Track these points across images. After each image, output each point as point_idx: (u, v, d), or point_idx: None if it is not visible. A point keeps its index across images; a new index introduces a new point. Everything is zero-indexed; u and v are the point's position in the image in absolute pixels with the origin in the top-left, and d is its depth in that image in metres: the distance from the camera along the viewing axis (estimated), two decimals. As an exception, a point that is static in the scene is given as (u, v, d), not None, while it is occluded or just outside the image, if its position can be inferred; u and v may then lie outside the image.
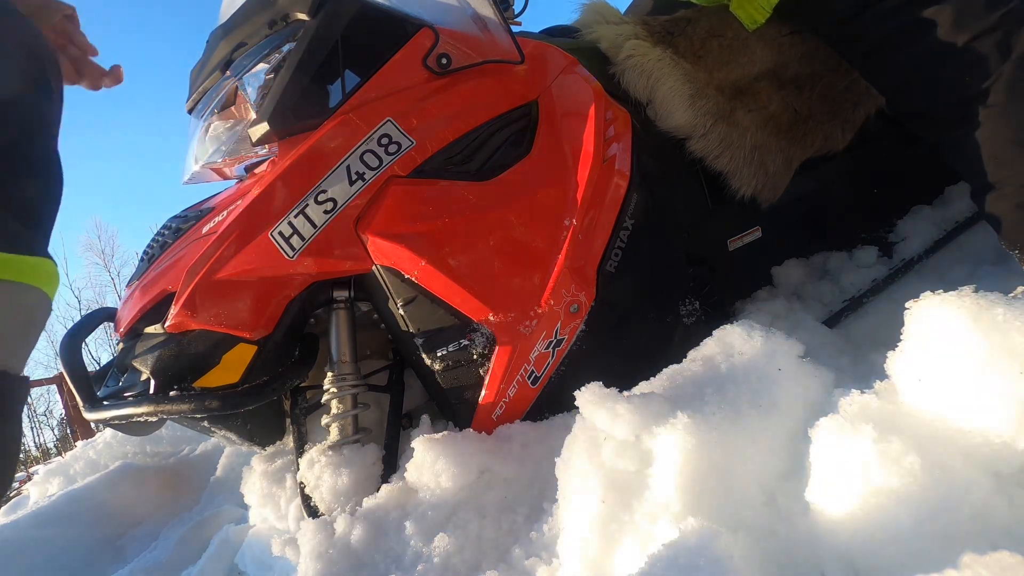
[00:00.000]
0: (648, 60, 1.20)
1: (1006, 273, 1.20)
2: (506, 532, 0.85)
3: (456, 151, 1.02)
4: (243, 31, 1.09)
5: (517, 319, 0.97)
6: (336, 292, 1.03)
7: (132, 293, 1.08)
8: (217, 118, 1.16)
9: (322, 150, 0.97)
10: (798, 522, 0.58)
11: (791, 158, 1.30)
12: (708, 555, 0.51)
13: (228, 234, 0.96)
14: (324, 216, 0.95)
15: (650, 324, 1.09)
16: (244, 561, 1.14)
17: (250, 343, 0.96)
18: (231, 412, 1.02)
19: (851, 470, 0.54)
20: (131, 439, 2.06)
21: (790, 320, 1.26)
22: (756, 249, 1.35)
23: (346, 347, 1.05)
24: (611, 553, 0.63)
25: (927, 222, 1.40)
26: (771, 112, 1.29)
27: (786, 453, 0.65)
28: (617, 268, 1.03)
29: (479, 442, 0.96)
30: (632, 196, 1.05)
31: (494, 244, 0.98)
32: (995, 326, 0.54)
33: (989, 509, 0.49)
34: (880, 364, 0.64)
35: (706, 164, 1.23)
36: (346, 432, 1.05)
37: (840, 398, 0.62)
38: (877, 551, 0.51)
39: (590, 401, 0.73)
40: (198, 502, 1.62)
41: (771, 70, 1.32)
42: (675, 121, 1.20)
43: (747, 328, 0.76)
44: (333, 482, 0.99)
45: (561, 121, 1.07)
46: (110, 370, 1.12)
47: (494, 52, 1.07)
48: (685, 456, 0.62)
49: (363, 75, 1.04)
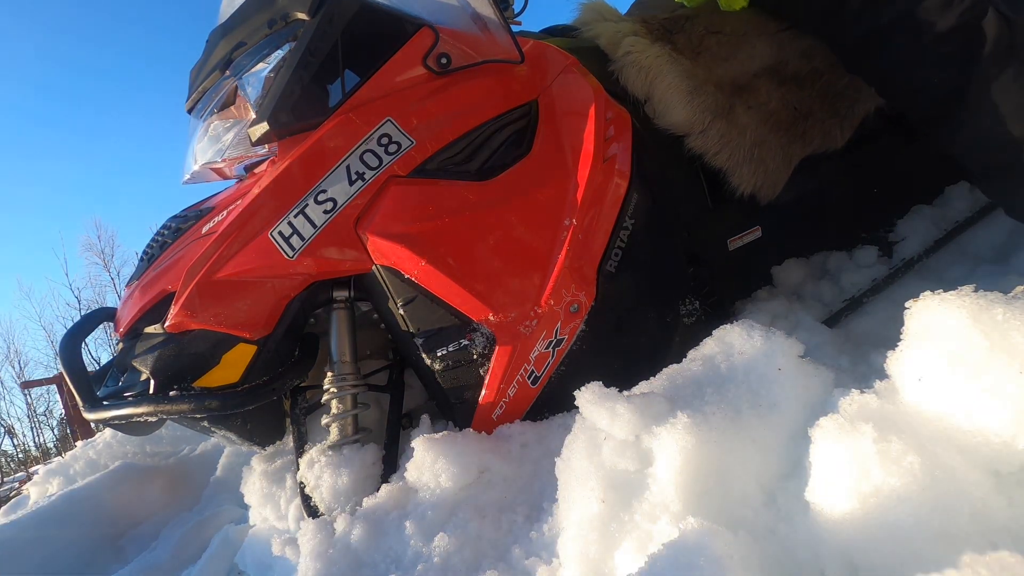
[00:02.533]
0: (646, 56, 1.20)
1: (1005, 273, 1.20)
2: (506, 532, 0.85)
3: (456, 151, 1.02)
4: (243, 31, 1.09)
5: (517, 319, 0.97)
6: (336, 292, 1.03)
7: (132, 293, 1.08)
8: (217, 118, 1.16)
9: (322, 150, 0.97)
10: (798, 522, 0.58)
11: (790, 155, 1.30)
12: (708, 555, 0.51)
13: (228, 234, 0.95)
14: (324, 216, 0.95)
15: (650, 324, 1.09)
16: (244, 561, 1.14)
17: (250, 343, 0.96)
18: (231, 412, 1.01)
19: (851, 470, 0.54)
20: (131, 439, 2.06)
21: (790, 320, 1.26)
22: (756, 249, 1.35)
23: (346, 347, 1.05)
24: (611, 553, 0.63)
25: (927, 222, 1.40)
26: (771, 109, 1.29)
27: (786, 453, 0.65)
28: (617, 268, 1.03)
29: (479, 442, 0.96)
30: (632, 196, 1.05)
31: (494, 244, 0.98)
32: (995, 326, 0.54)
33: (989, 509, 0.49)
34: (880, 364, 0.64)
35: (705, 161, 1.23)
36: (346, 432, 1.05)
37: (840, 398, 0.62)
38: (877, 551, 0.51)
39: (590, 401, 0.73)
40: (198, 502, 1.63)
41: (771, 66, 1.32)
42: (673, 118, 1.20)
43: (747, 328, 0.76)
44: (333, 482, 0.99)
45: (561, 120, 1.07)
46: (110, 370, 1.12)
47: (494, 52, 1.07)
48: (685, 456, 0.62)
49: (363, 75, 1.04)
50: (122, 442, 2.06)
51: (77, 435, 3.29)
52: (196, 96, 1.18)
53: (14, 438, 14.62)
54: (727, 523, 0.58)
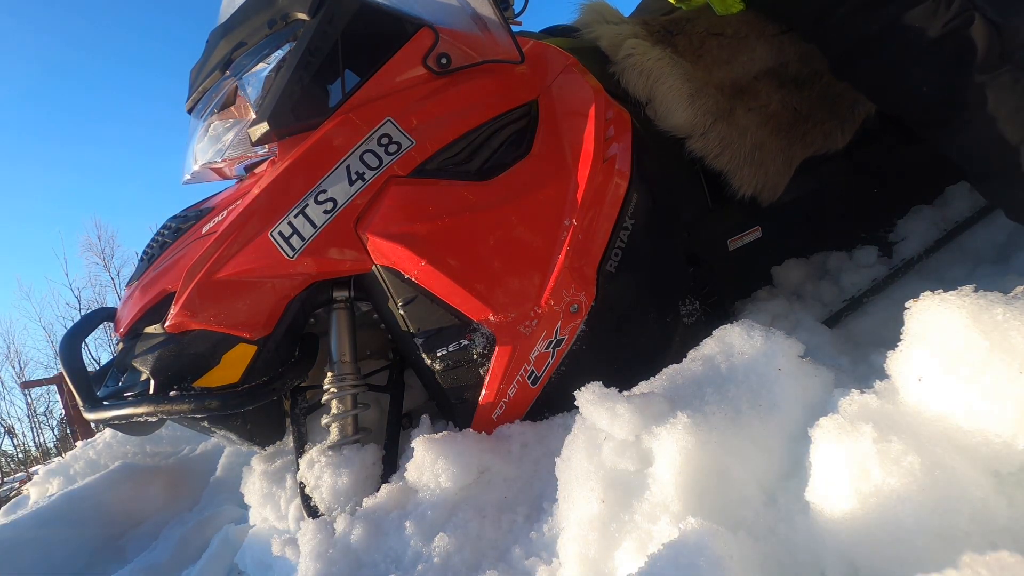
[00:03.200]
0: (647, 59, 1.20)
1: (1005, 273, 1.20)
2: (506, 532, 0.85)
3: (456, 151, 1.02)
4: (243, 31, 1.09)
5: (517, 319, 0.97)
6: (336, 292, 1.03)
7: (132, 293, 1.08)
8: (217, 118, 1.16)
9: (322, 150, 0.97)
10: (798, 522, 0.58)
11: (791, 157, 1.31)
12: (708, 555, 0.51)
13: (228, 234, 0.95)
14: (324, 216, 0.95)
15: (650, 324, 1.09)
16: (244, 561, 1.14)
17: (250, 343, 0.96)
18: (231, 412, 1.01)
19: (851, 470, 0.54)
20: (131, 439, 2.06)
21: (790, 320, 1.26)
22: (756, 249, 1.35)
23: (346, 347, 1.05)
24: (611, 553, 0.63)
25: (927, 222, 1.40)
26: (771, 111, 1.29)
27: (786, 453, 0.65)
28: (617, 268, 1.03)
29: (479, 442, 0.96)
30: (632, 196, 1.05)
31: (494, 244, 0.98)
32: (994, 326, 0.54)
33: (989, 509, 0.49)
34: (880, 364, 0.64)
35: (706, 163, 1.23)
36: (346, 432, 1.05)
37: (840, 398, 0.62)
38: (877, 551, 0.51)
39: (590, 401, 0.73)
40: (198, 502, 1.63)
41: (771, 68, 1.32)
42: (675, 120, 1.20)
43: (747, 328, 0.76)
44: (333, 482, 0.99)
45: (561, 121, 1.07)
46: (110, 370, 1.12)
47: (494, 52, 1.07)
48: (685, 456, 0.62)
49: (363, 75, 1.04)
50: (122, 442, 2.06)
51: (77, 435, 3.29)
52: (196, 96, 1.18)
53: (14, 438, 14.61)
54: (727, 523, 0.58)
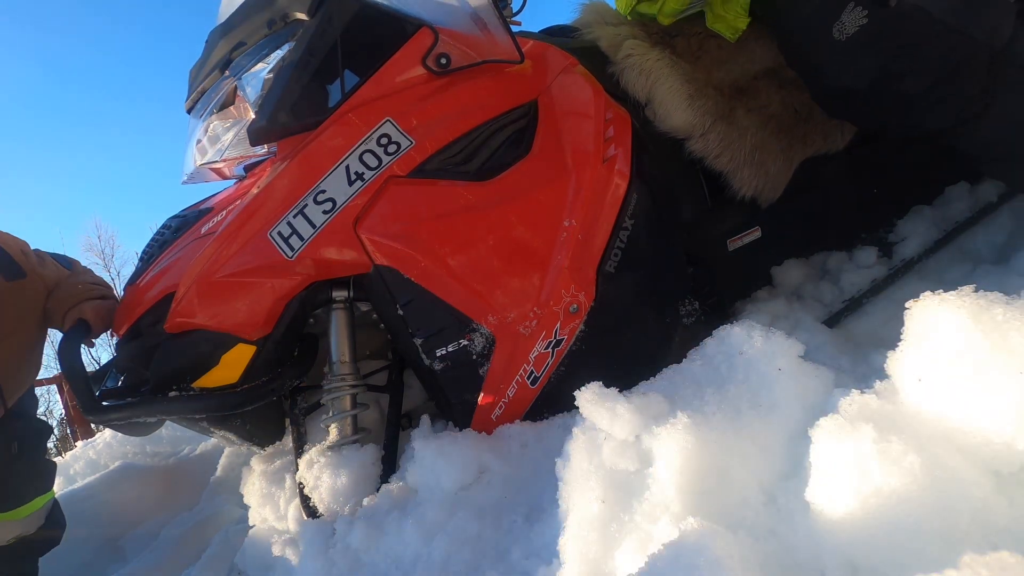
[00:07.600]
0: (647, 60, 1.20)
1: (1005, 273, 1.20)
2: (506, 532, 0.85)
3: (455, 151, 1.01)
4: (242, 31, 1.09)
5: (516, 319, 0.97)
6: (335, 292, 1.03)
7: (132, 293, 1.08)
8: (216, 118, 1.16)
9: (321, 150, 0.97)
10: (798, 522, 0.58)
11: (791, 158, 1.30)
12: (708, 555, 0.50)
13: (227, 234, 0.95)
14: (323, 216, 0.95)
15: (650, 324, 1.09)
16: (244, 561, 1.14)
17: (249, 343, 0.96)
18: (230, 412, 1.01)
19: (851, 470, 0.54)
20: (131, 439, 2.06)
21: (790, 320, 1.25)
22: (756, 249, 1.35)
23: (345, 347, 1.05)
24: (611, 553, 0.63)
25: (927, 222, 1.40)
26: (771, 111, 1.29)
27: (786, 453, 0.65)
28: (617, 268, 1.03)
29: (479, 442, 0.96)
30: (632, 196, 1.05)
31: (493, 244, 0.97)
32: (995, 326, 0.54)
33: (989, 509, 0.49)
34: (880, 364, 0.64)
35: (706, 164, 1.23)
36: (345, 432, 1.05)
37: (840, 398, 0.62)
38: (877, 551, 0.51)
39: (590, 401, 0.73)
40: (198, 502, 1.63)
41: (771, 69, 1.32)
42: (674, 121, 1.20)
43: (747, 328, 0.76)
44: (332, 482, 0.99)
45: (561, 121, 1.07)
46: (110, 370, 1.12)
47: (493, 52, 1.06)
48: (685, 456, 0.62)
49: (362, 75, 1.04)
50: (122, 442, 2.06)
51: (77, 435, 3.29)
52: (196, 96, 1.18)
53: (14, 438, 14.58)
54: (727, 523, 0.58)
